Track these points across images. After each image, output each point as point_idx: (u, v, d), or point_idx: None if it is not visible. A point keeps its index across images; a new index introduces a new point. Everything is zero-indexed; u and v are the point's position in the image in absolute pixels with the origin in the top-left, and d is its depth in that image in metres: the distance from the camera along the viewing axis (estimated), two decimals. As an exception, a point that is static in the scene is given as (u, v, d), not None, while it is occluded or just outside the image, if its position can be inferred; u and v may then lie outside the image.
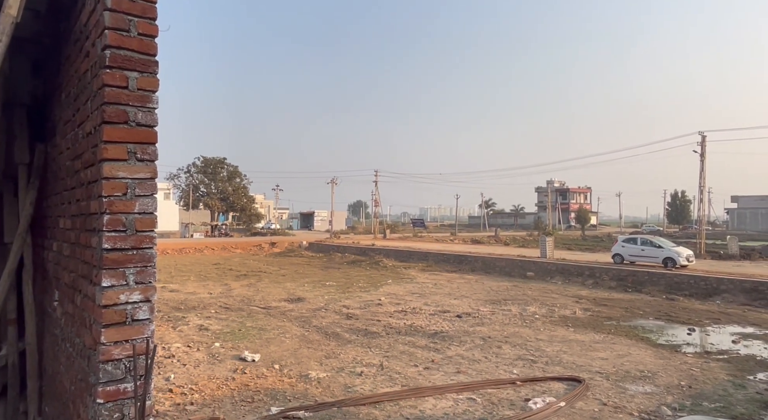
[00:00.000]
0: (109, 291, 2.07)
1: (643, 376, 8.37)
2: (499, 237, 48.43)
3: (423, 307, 15.17)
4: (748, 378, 8.28)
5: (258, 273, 24.34)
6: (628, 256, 22.37)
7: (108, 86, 2.04)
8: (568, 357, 9.54)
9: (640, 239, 22.95)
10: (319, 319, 13.20)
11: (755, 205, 72.09)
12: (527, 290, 18.92)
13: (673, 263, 20.48)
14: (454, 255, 29.25)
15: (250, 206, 56.77)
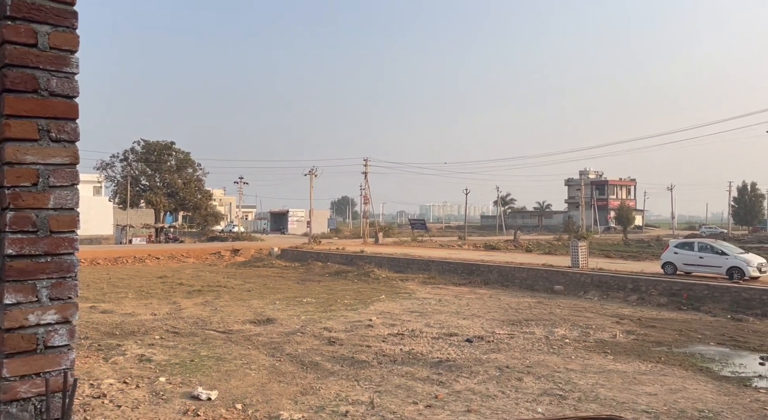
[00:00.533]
0: (13, 310, 2.02)
1: (702, 416, 8.44)
2: (520, 241, 48.77)
3: (424, 329, 15.21)
4: (833, 418, 8.38)
5: (216, 288, 24.28)
6: (683, 266, 22.57)
7: (10, 43, 1.99)
8: (607, 391, 9.60)
9: (697, 244, 23.16)
10: (294, 345, 13.20)
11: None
12: (555, 308, 19.04)
13: (741, 274, 20.68)
14: (463, 264, 29.37)
15: (205, 204, 56.52)
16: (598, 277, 23.31)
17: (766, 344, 13.69)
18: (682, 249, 23.17)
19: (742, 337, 14.37)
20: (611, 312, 18.36)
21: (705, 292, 19.79)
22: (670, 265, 22.93)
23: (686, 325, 15.96)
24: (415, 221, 74.14)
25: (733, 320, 16.93)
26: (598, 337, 14.26)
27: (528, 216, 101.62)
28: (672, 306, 19.33)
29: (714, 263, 21.71)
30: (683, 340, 14.09)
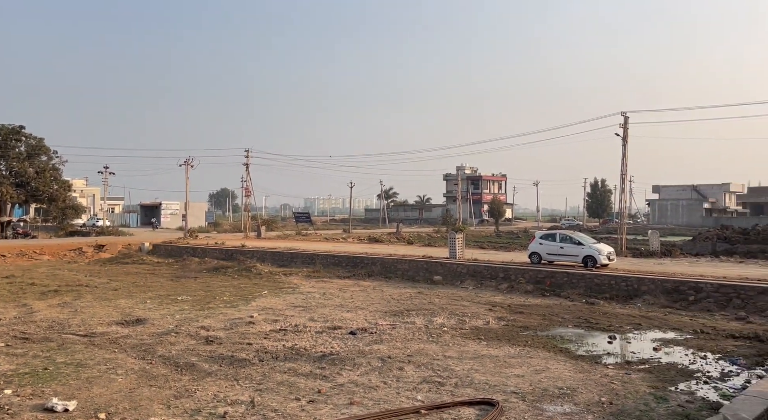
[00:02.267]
0: None
1: (562, 393, 9.21)
2: (402, 234, 50.15)
3: (308, 323, 15.06)
4: (669, 389, 9.56)
5: (76, 287, 22.14)
6: (547, 255, 24.56)
7: None
8: (481, 376, 10.15)
9: (559, 235, 25.30)
10: (167, 346, 12.40)
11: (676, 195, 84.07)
12: (434, 297, 19.82)
13: (594, 262, 22.96)
14: (348, 257, 29.55)
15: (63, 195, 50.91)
16: (473, 267, 24.63)
17: (613, 324, 15.32)
18: (546, 240, 25.18)
19: (594, 319, 15.96)
20: (485, 300, 19.49)
21: (565, 279, 21.72)
22: (536, 255, 24.84)
23: (549, 310, 17.38)
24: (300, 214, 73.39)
25: (587, 304, 18.75)
26: (473, 325, 15.04)
27: (410, 209, 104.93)
28: (537, 293, 20.96)
29: (572, 253, 23.88)
30: (546, 324, 15.33)
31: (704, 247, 32.80)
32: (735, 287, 18.26)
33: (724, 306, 17.66)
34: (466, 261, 26.07)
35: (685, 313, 17.34)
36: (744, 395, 6.39)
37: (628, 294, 19.77)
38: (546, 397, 9.04)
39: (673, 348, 12.86)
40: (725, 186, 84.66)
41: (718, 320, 16.18)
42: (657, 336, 14.22)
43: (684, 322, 15.75)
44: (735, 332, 14.20)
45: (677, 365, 11.23)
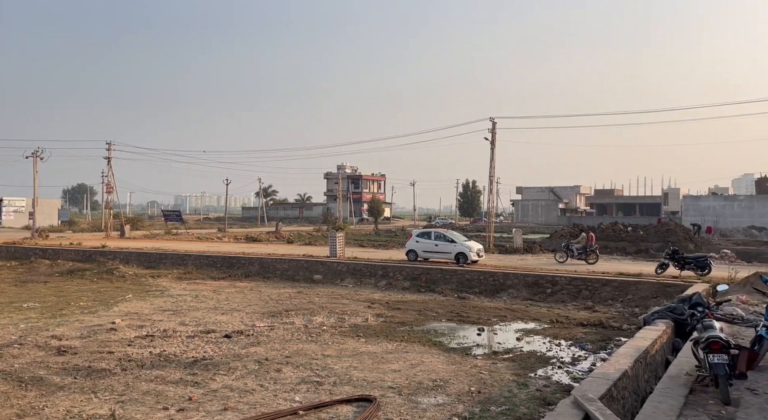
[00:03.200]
0: None
1: (435, 385, 9.60)
2: (281, 233, 49.26)
3: (178, 328, 14.22)
4: (529, 376, 10.38)
5: None
6: (423, 253, 25.53)
7: None
8: (359, 373, 10.25)
9: (434, 233, 26.42)
10: (9, 359, 11.01)
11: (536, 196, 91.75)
12: (314, 297, 19.71)
13: (465, 259, 24.28)
14: (223, 257, 28.40)
15: None
16: (353, 265, 24.87)
17: (482, 317, 16.31)
18: (422, 238, 26.16)
19: (465, 313, 16.87)
20: (364, 297, 19.75)
21: (439, 275, 22.72)
22: (413, 253, 25.71)
23: (425, 306, 18.07)
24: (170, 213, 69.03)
25: (459, 299, 19.77)
26: (352, 322, 15.17)
27: (290, 208, 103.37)
28: (414, 289, 21.70)
29: (446, 250, 25.06)
30: (422, 319, 15.91)
31: (560, 244, 36.15)
32: (584, 280, 20.33)
33: (576, 297, 19.59)
34: (346, 259, 26.25)
35: (543, 304, 18.95)
36: (591, 377, 7.09)
37: (495, 288, 21.17)
38: (421, 390, 9.36)
39: (533, 337, 13.99)
40: (576, 188, 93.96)
41: (571, 310, 17.90)
42: (520, 327, 15.38)
43: (543, 313, 17.21)
44: (584, 320, 15.79)
45: (536, 353, 12.22)
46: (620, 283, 19.54)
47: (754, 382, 7.08)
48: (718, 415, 6.04)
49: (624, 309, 17.55)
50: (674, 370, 7.78)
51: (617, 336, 13.83)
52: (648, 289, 18.61)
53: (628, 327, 14.48)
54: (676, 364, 8.12)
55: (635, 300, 18.23)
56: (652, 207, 78.53)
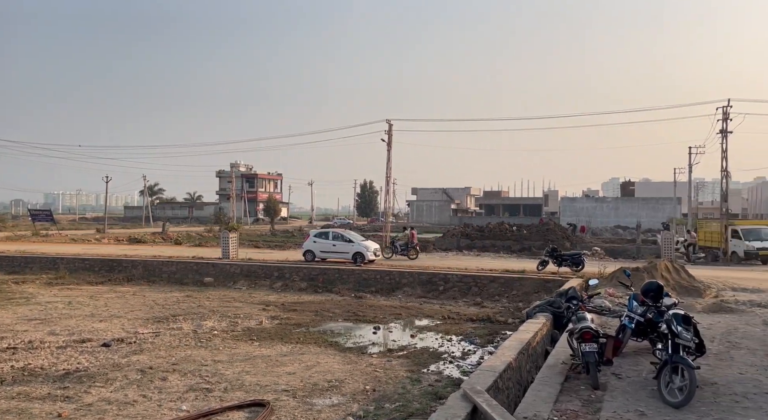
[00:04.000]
0: None
1: (331, 386, 9.56)
2: (169, 234, 46.73)
3: (47, 338, 12.96)
4: (422, 371, 10.66)
5: None
6: (320, 253, 25.39)
7: None
8: (252, 378, 9.95)
9: (332, 233, 26.39)
10: None
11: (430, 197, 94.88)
12: (204, 300, 18.87)
13: (362, 258, 24.49)
14: (102, 259, 26.34)
15: None
16: (247, 267, 24.13)
17: (378, 316, 16.53)
18: (320, 238, 26.02)
19: (362, 312, 17.01)
20: (259, 300, 19.22)
21: (336, 275, 22.70)
22: (310, 253, 25.47)
23: (321, 306, 17.95)
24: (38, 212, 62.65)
25: (356, 298, 19.89)
26: (245, 326, 14.69)
27: (178, 207, 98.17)
28: (311, 290, 21.49)
29: (344, 250, 25.11)
30: (318, 320, 15.79)
31: (451, 243, 37.62)
32: (474, 277, 21.31)
33: (466, 293, 20.48)
34: (239, 261, 25.41)
35: (436, 301, 19.60)
36: (479, 370, 7.42)
37: (391, 287, 21.56)
38: (316, 391, 9.26)
39: (427, 334, 14.41)
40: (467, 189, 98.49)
41: (461, 306, 18.67)
42: (414, 324, 15.77)
43: (435, 310, 17.79)
44: (473, 316, 16.55)
45: (429, 349, 12.60)
46: (506, 280, 20.71)
47: (619, 368, 7.79)
48: (588, 399, 6.56)
49: (509, 304, 18.61)
50: (552, 360, 8.36)
51: (503, 330, 14.63)
52: (531, 285, 19.90)
53: (513, 321, 15.37)
54: (553, 355, 8.73)
55: (519, 295, 19.40)
56: (535, 208, 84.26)
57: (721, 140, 30.33)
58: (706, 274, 19.25)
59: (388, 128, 35.79)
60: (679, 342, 6.54)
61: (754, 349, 8.97)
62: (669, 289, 12.82)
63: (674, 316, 6.83)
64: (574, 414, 6.03)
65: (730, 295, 15.17)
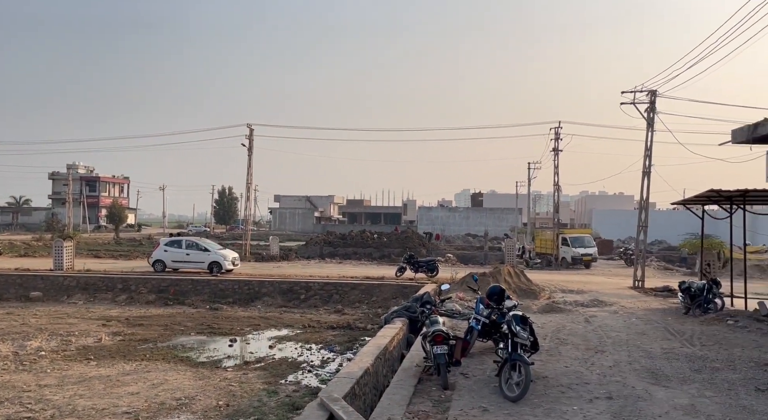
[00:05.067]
0: None
1: (180, 404, 8.95)
2: (-11, 242, 40.65)
3: None
4: (280, 382, 10.42)
5: None
6: (172, 262, 23.80)
7: None
8: (86, 401, 8.98)
9: (185, 242, 24.88)
10: None
11: (294, 205, 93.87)
12: (30, 317, 16.72)
13: (219, 268, 23.41)
14: None
15: None
16: (85, 279, 21.82)
17: (235, 328, 15.88)
18: (172, 247, 24.38)
19: (217, 324, 16.22)
20: (98, 315, 17.46)
21: (190, 286, 21.42)
22: (160, 263, 23.74)
23: (172, 319, 16.79)
24: None
25: (212, 310, 18.93)
26: (81, 344, 13.24)
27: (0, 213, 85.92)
28: (160, 302, 20.02)
29: (198, 259, 23.80)
30: (168, 334, 14.74)
31: (314, 251, 37.52)
32: (335, 285, 21.44)
33: (327, 301, 20.52)
34: (76, 272, 22.88)
35: (297, 310, 19.37)
36: (337, 378, 7.45)
37: (250, 297, 20.87)
38: (163, 411, 8.62)
39: (286, 343, 14.15)
40: (331, 198, 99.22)
41: (322, 314, 18.66)
42: (273, 334, 15.41)
43: (296, 319, 17.56)
44: (334, 323, 16.62)
45: (288, 359, 12.38)
46: (366, 287, 21.13)
47: (466, 367, 8.31)
48: (439, 399, 6.91)
49: (369, 310, 19.00)
50: (407, 363, 8.68)
51: (363, 336, 14.88)
52: (389, 291, 20.52)
53: (372, 327, 15.70)
54: (408, 358, 9.07)
55: (379, 301, 19.90)
56: (395, 216, 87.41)
57: (554, 157, 34.03)
58: (542, 278, 21.41)
59: (249, 133, 34.83)
60: (517, 341, 7.15)
61: (578, 344, 10.13)
62: (510, 292, 14.04)
63: (514, 317, 7.47)
64: (425, 415, 6.29)
65: (560, 296, 17.01)
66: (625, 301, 16.24)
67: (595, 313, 13.95)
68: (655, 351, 9.46)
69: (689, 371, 8.10)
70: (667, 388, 7.26)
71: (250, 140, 34.86)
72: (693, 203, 17.79)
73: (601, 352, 9.35)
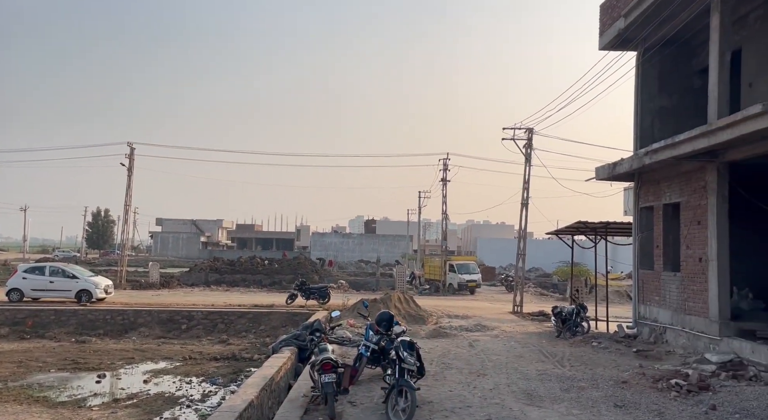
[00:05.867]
0: None
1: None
2: None
3: None
4: None
5: None
6: (32, 291, 21.49)
7: None
8: None
9: (49, 268, 22.60)
10: None
11: (178, 229, 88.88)
12: None
13: (89, 296, 21.44)
14: None
15: None
16: None
17: (104, 362, 14.54)
18: (32, 274, 22.05)
19: (84, 359, 14.76)
20: (-65, 352, 15.17)
21: (53, 317, 19.37)
22: (17, 292, 21.30)
23: (28, 355, 15.03)
24: None
25: (78, 343, 17.22)
26: None
27: None
28: (15, 335, 17.88)
29: (64, 287, 21.66)
30: (22, 372, 13.15)
31: (199, 278, 35.66)
32: (220, 313, 20.49)
33: (211, 331, 19.51)
34: None
35: (177, 341, 18.18)
36: (218, 411, 7.05)
37: (125, 328, 19.30)
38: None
39: (163, 377, 13.19)
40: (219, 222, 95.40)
41: (205, 345, 17.68)
42: (149, 368, 14.31)
43: (176, 350, 16.46)
44: (217, 354, 15.79)
45: (165, 394, 11.53)
46: (255, 315, 20.41)
47: (354, 395, 8.25)
48: (326, 429, 6.76)
49: (257, 339, 18.33)
50: (294, 394, 8.44)
51: (249, 367, 14.27)
52: (279, 319, 19.98)
53: (259, 357, 15.13)
54: (295, 388, 8.83)
55: (267, 330, 19.28)
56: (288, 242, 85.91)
57: (442, 187, 35.60)
58: (430, 303, 22.04)
59: (129, 152, 32.73)
60: (404, 367, 7.24)
61: (461, 368, 10.48)
62: (400, 318, 14.28)
63: (401, 342, 7.57)
64: (310, 446, 6.12)
65: (447, 321, 17.60)
66: (505, 325, 17.14)
67: (478, 338, 14.56)
68: (531, 373, 10.03)
69: (560, 391, 8.67)
70: (540, 408, 7.70)
71: (131, 160, 32.75)
72: (564, 233, 19.37)
73: (483, 376, 9.74)
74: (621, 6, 13.50)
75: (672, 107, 13.99)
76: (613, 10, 14.16)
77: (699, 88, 12.91)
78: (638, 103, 14.26)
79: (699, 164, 11.07)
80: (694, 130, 10.05)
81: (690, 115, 12.99)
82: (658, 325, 13.00)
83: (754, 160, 10.14)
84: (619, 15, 13.43)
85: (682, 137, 10.42)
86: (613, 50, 14.85)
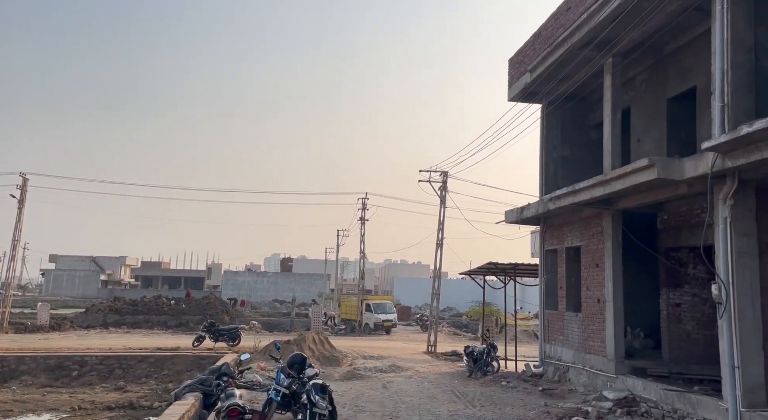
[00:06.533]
0: None
1: None
2: None
3: None
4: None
5: None
6: None
7: None
8: None
9: None
10: None
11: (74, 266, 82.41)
12: None
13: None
14: None
15: None
16: None
17: (-22, 415, 13.02)
18: None
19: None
20: None
21: None
22: None
23: None
24: None
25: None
26: None
27: None
28: None
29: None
30: None
31: (96, 319, 33.08)
32: (118, 358, 19.06)
33: (107, 377, 18.06)
34: None
35: (66, 390, 16.64)
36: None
37: (3, 376, 17.43)
38: None
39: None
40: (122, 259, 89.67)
41: (99, 393, 16.31)
42: (29, 420, 12.97)
43: (63, 400, 15.05)
44: (112, 403, 14.60)
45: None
46: (157, 359, 19.19)
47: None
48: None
49: (158, 385, 17.18)
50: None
51: (147, 416, 13.32)
52: (184, 363, 18.90)
53: (159, 404, 14.16)
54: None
55: (170, 375, 18.15)
56: (197, 281, 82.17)
57: (361, 226, 35.87)
58: (346, 344, 21.79)
59: (22, 183, 30.39)
60: (316, 411, 7.10)
61: (375, 411, 10.40)
62: (314, 360, 14.01)
63: (314, 386, 7.44)
64: None
65: (361, 362, 17.46)
66: (419, 365, 17.25)
67: (392, 379, 14.53)
68: (443, 414, 10.13)
69: (471, 431, 8.82)
70: (452, 449, 7.78)
71: (23, 191, 30.38)
72: (476, 274, 20.04)
73: (396, 418, 9.71)
74: (527, 62, 14.63)
75: (573, 157, 15.14)
76: (520, 65, 15.31)
77: (596, 141, 14.11)
78: (543, 152, 15.32)
79: (597, 211, 11.98)
80: (592, 180, 10.91)
81: (589, 165, 14.11)
82: (561, 364, 13.63)
83: (642, 209, 11.15)
84: (526, 70, 14.52)
85: (582, 185, 11.26)
86: (520, 102, 15.97)
